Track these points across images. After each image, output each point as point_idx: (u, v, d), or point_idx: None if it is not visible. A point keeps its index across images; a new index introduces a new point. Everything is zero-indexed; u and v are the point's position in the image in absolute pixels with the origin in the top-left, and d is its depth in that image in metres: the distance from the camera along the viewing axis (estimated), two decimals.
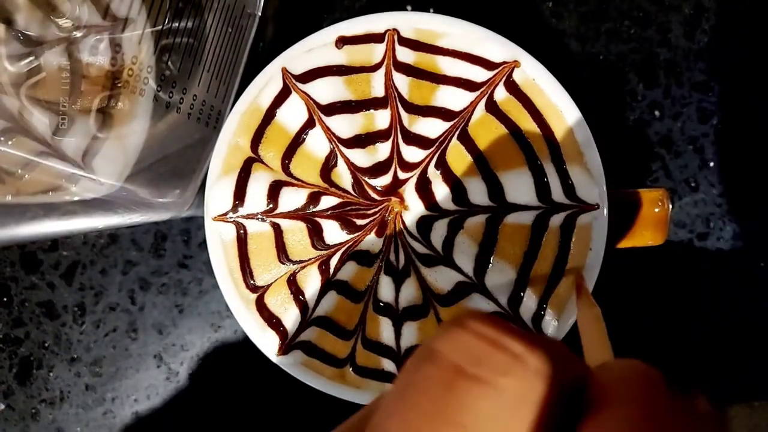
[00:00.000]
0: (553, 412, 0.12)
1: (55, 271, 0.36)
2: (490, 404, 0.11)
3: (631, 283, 0.33)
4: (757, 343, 0.33)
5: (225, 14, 0.29)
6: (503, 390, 0.11)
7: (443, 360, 0.12)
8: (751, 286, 0.33)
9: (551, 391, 0.12)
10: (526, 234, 0.26)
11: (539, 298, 0.26)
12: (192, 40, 0.27)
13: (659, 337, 0.33)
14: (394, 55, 0.26)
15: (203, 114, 0.29)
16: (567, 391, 0.12)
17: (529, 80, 0.26)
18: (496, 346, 0.12)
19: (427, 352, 0.12)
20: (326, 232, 0.26)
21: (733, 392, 0.33)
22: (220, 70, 0.29)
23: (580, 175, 0.26)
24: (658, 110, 0.34)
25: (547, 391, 0.11)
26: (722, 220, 0.34)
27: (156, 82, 0.26)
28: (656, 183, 0.34)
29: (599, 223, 0.26)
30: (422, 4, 0.34)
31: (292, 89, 0.26)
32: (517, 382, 0.11)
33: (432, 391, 0.11)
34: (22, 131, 0.23)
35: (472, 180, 0.26)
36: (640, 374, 0.13)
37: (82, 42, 0.23)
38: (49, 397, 0.35)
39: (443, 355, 0.12)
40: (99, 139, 0.25)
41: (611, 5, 0.34)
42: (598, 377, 0.13)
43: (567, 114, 0.26)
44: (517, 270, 0.26)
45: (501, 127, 0.26)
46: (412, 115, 0.26)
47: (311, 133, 0.26)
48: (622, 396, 0.12)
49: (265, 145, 0.27)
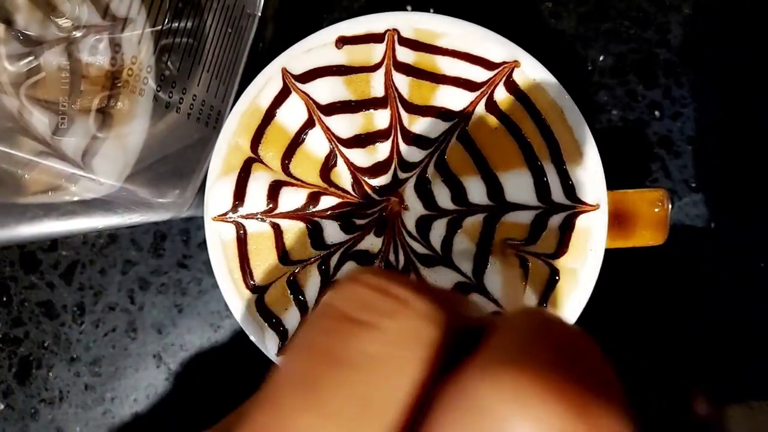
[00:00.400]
0: (440, 352, 0.12)
1: (54, 270, 0.36)
2: (376, 345, 0.11)
3: (631, 283, 0.33)
4: (757, 343, 0.33)
5: (225, 14, 0.29)
6: (388, 331, 0.12)
7: (333, 310, 0.12)
8: (751, 286, 0.33)
9: (437, 332, 0.12)
10: (525, 234, 0.26)
11: (539, 297, 0.26)
12: (192, 40, 0.27)
13: (659, 337, 0.33)
14: (394, 55, 0.26)
15: (203, 114, 0.29)
16: (459, 333, 0.13)
17: (529, 80, 0.26)
18: (383, 293, 0.12)
19: (320, 307, 0.13)
20: (326, 232, 0.26)
21: (733, 392, 0.33)
22: (220, 70, 0.29)
23: (580, 176, 0.26)
24: (657, 110, 0.34)
25: (433, 332, 0.12)
26: (722, 221, 0.34)
27: (156, 82, 0.26)
28: (656, 183, 0.34)
29: (599, 224, 0.26)
30: (422, 4, 0.34)
31: (292, 89, 0.26)
32: (402, 324, 0.12)
33: (319, 339, 0.12)
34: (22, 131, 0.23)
35: (472, 180, 0.26)
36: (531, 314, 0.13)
37: (82, 42, 0.23)
38: (48, 397, 0.35)
39: (333, 306, 0.12)
40: (99, 139, 0.25)
41: (610, 5, 0.34)
42: (497, 321, 0.13)
43: (567, 114, 0.26)
44: (517, 270, 0.26)
45: (501, 127, 0.26)
46: (411, 115, 0.26)
47: (311, 133, 0.26)
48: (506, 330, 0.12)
49: (265, 145, 0.27)
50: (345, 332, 0.12)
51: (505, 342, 0.12)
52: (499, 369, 0.10)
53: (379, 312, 0.12)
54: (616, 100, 0.34)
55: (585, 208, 0.26)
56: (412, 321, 0.12)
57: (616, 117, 0.34)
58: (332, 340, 0.12)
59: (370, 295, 0.12)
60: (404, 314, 0.12)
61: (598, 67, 0.34)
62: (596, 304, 0.26)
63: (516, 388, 0.10)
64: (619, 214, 0.26)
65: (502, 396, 0.10)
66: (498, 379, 0.10)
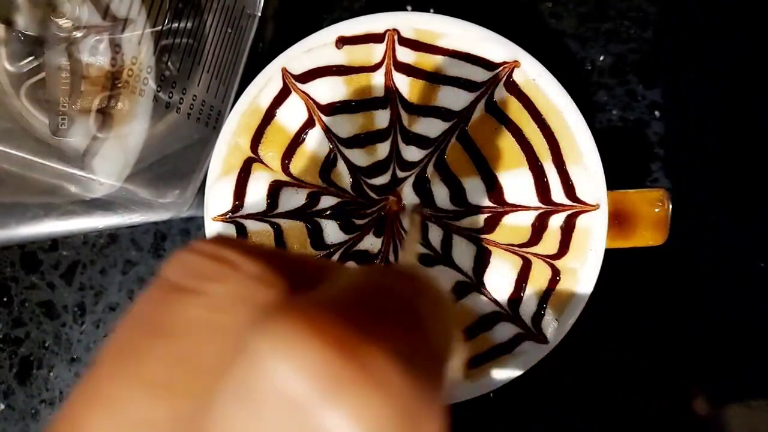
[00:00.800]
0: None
1: (55, 270, 0.36)
2: (199, 310, 0.11)
3: (631, 283, 0.33)
4: (757, 343, 0.33)
5: (225, 15, 0.29)
6: (214, 295, 0.11)
7: (162, 281, 0.12)
8: (751, 286, 0.33)
9: (269, 293, 0.12)
10: (525, 234, 0.26)
11: (539, 297, 0.26)
12: (192, 40, 0.27)
13: (659, 337, 0.33)
14: (394, 55, 0.26)
15: (203, 114, 0.29)
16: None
17: (529, 80, 0.26)
18: (214, 259, 0.12)
19: (153, 279, 0.13)
20: (325, 232, 0.26)
21: (733, 392, 0.33)
22: (220, 70, 0.29)
23: (580, 176, 0.26)
24: (657, 110, 0.34)
25: (263, 294, 0.11)
26: (722, 221, 0.33)
27: (156, 83, 0.26)
28: (656, 183, 0.34)
29: (599, 224, 0.26)
30: (422, 4, 0.34)
31: (292, 89, 0.26)
32: (229, 287, 0.11)
33: (145, 309, 0.12)
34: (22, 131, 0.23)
35: (471, 180, 0.26)
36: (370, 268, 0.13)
37: (82, 42, 0.23)
38: (49, 397, 0.35)
39: (163, 277, 0.12)
40: (99, 139, 0.25)
41: (610, 6, 0.34)
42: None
43: (567, 114, 0.26)
44: (517, 270, 0.26)
45: (501, 127, 0.26)
46: (411, 115, 0.26)
47: (311, 133, 0.26)
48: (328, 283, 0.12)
49: (265, 145, 0.27)
50: (170, 300, 0.11)
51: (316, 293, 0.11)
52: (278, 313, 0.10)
53: (207, 278, 0.12)
54: (616, 100, 0.34)
55: (585, 208, 0.26)
56: (241, 284, 0.11)
57: (616, 117, 0.34)
58: (156, 310, 0.11)
59: (199, 262, 0.12)
60: (233, 278, 0.12)
61: (598, 67, 0.34)
62: (596, 304, 0.26)
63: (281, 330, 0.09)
64: (619, 214, 0.26)
65: (265, 336, 0.09)
66: (271, 322, 0.10)
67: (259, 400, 0.09)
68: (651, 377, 0.32)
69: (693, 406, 0.32)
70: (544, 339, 0.25)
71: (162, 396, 0.10)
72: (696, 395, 0.33)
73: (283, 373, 0.09)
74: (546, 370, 0.25)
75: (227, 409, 0.09)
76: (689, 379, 0.33)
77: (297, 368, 0.09)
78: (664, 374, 0.32)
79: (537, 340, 0.25)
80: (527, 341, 0.26)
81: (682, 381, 0.33)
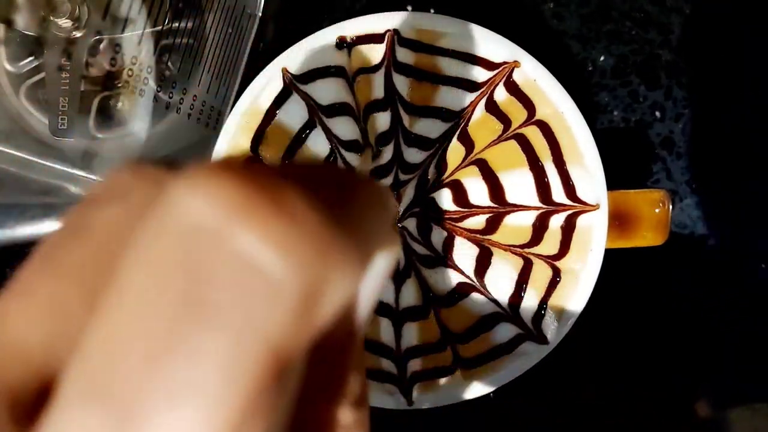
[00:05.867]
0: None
1: None
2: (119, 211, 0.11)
3: (632, 284, 0.33)
4: (760, 344, 0.33)
5: (225, 15, 0.29)
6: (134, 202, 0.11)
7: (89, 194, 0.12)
8: (753, 287, 0.33)
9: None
10: (526, 234, 0.26)
11: (539, 298, 0.26)
12: (192, 40, 0.27)
13: (660, 338, 0.33)
14: (394, 56, 0.26)
15: (203, 114, 0.29)
16: None
17: (529, 80, 0.26)
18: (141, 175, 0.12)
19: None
20: None
21: (735, 394, 0.33)
22: (220, 70, 0.29)
23: (581, 176, 0.26)
24: (659, 111, 0.34)
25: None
26: (723, 222, 0.33)
27: (156, 83, 0.26)
28: (657, 184, 0.34)
29: (599, 224, 0.26)
30: (422, 4, 0.34)
31: (293, 90, 0.26)
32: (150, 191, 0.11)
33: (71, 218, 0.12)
34: (22, 131, 0.23)
35: (473, 180, 0.26)
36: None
37: (82, 42, 0.23)
38: None
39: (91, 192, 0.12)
40: (99, 139, 0.25)
41: (612, 7, 0.34)
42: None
43: (567, 114, 0.26)
44: (517, 270, 0.26)
45: (501, 128, 0.26)
46: (412, 116, 0.26)
47: (311, 133, 0.26)
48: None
49: (266, 146, 0.27)
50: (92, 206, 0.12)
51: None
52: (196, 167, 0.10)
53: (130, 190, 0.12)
54: (618, 100, 0.34)
55: (586, 209, 0.25)
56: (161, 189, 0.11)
57: (617, 118, 0.34)
58: (78, 215, 0.12)
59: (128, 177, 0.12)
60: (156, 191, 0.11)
61: (600, 68, 0.34)
62: (596, 304, 0.26)
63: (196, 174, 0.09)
64: (620, 214, 0.26)
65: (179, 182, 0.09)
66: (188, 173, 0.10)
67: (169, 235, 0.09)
68: (652, 378, 0.32)
69: (695, 408, 0.32)
70: (544, 339, 0.25)
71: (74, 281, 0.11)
72: (698, 397, 0.32)
73: (197, 206, 0.09)
74: (546, 370, 0.25)
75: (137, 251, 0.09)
76: (691, 381, 0.33)
77: (211, 199, 0.09)
78: (665, 376, 0.32)
79: (537, 340, 0.25)
80: (527, 341, 0.25)
81: (684, 382, 0.32)
